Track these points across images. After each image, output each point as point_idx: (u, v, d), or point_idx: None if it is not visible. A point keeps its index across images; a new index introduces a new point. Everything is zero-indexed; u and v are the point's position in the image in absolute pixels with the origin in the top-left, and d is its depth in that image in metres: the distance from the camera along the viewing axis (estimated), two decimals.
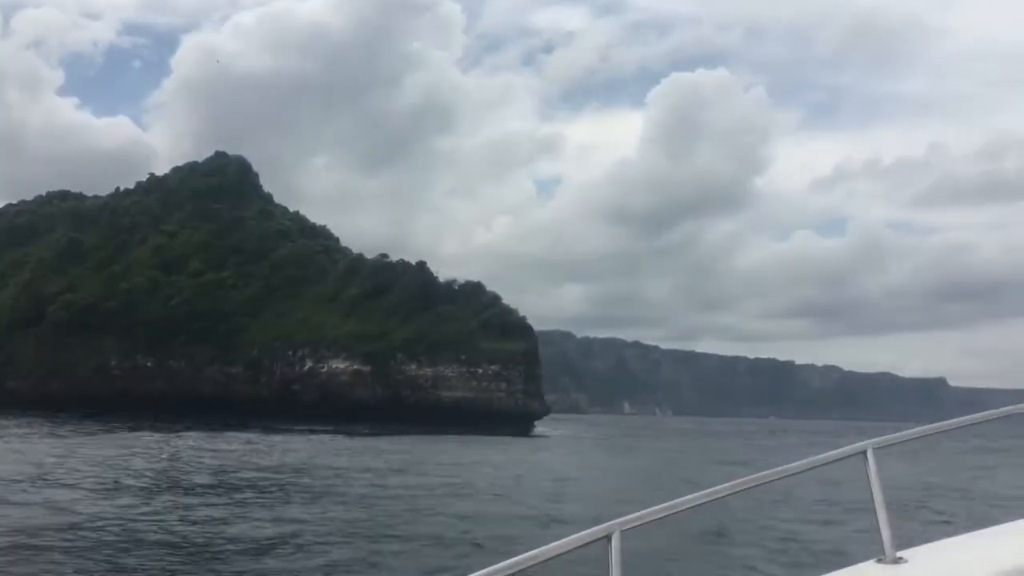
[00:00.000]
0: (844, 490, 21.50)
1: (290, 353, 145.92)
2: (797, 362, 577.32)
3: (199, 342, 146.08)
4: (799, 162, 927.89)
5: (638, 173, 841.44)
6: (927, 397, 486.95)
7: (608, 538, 2.22)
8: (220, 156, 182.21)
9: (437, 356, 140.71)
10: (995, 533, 3.08)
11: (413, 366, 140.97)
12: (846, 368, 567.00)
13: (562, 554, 2.18)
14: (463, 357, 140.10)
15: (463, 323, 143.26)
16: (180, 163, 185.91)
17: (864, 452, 2.78)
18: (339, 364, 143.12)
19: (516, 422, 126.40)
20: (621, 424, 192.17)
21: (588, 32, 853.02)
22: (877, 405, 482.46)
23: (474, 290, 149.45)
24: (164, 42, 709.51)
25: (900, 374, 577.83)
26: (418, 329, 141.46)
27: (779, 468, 2.71)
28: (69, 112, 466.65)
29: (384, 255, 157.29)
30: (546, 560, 2.12)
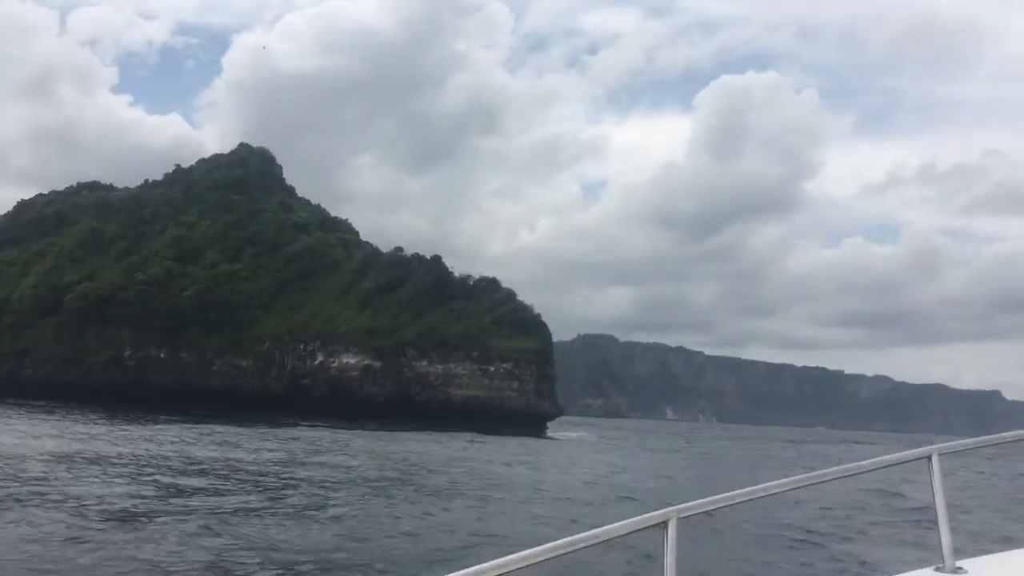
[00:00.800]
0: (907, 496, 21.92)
1: (301, 347, 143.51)
2: (846, 371, 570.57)
3: (211, 334, 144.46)
4: (850, 167, 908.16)
5: (685, 177, 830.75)
6: (981, 410, 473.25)
7: (665, 524, 2.22)
8: (243, 148, 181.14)
9: (448, 353, 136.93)
10: None
11: (424, 363, 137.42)
12: (897, 379, 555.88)
13: (619, 536, 2.18)
14: (475, 354, 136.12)
15: (476, 319, 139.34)
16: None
17: (929, 457, 2.71)
18: (350, 359, 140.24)
19: (528, 423, 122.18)
20: (653, 430, 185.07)
21: (634, 33, 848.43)
22: (928, 417, 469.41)
23: (489, 286, 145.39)
24: (217, 42, 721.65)
25: (953, 386, 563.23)
26: (430, 325, 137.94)
27: (842, 467, 2.68)
28: (122, 109, 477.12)
29: (399, 248, 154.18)
30: (604, 541, 2.13)
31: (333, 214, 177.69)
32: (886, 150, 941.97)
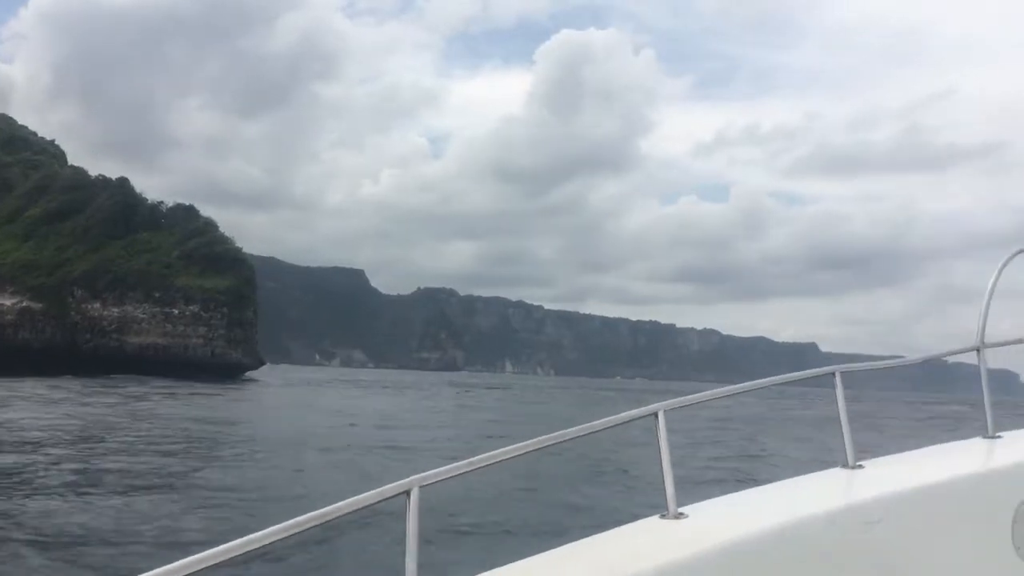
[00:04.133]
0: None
1: None
2: (678, 325, 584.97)
3: None
4: (684, 127, 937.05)
5: (525, 130, 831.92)
6: (799, 361, 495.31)
7: (407, 493, 2.26)
8: None
9: (125, 293, 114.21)
10: (766, 490, 3.31)
11: (97, 304, 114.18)
12: (724, 332, 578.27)
13: (362, 508, 2.19)
14: (157, 295, 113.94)
15: (163, 253, 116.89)
16: (39, 95, 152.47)
17: (656, 413, 2.93)
18: (5, 300, 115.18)
19: (218, 374, 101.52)
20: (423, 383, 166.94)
21: None
22: (752, 368, 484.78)
23: (185, 214, 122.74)
24: None
25: (775, 339, 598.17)
26: (106, 259, 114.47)
27: (577, 427, 2.80)
28: None
29: (82, 169, 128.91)
30: (346, 514, 2.15)
31: (155, 159, 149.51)
32: (719, 113, 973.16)
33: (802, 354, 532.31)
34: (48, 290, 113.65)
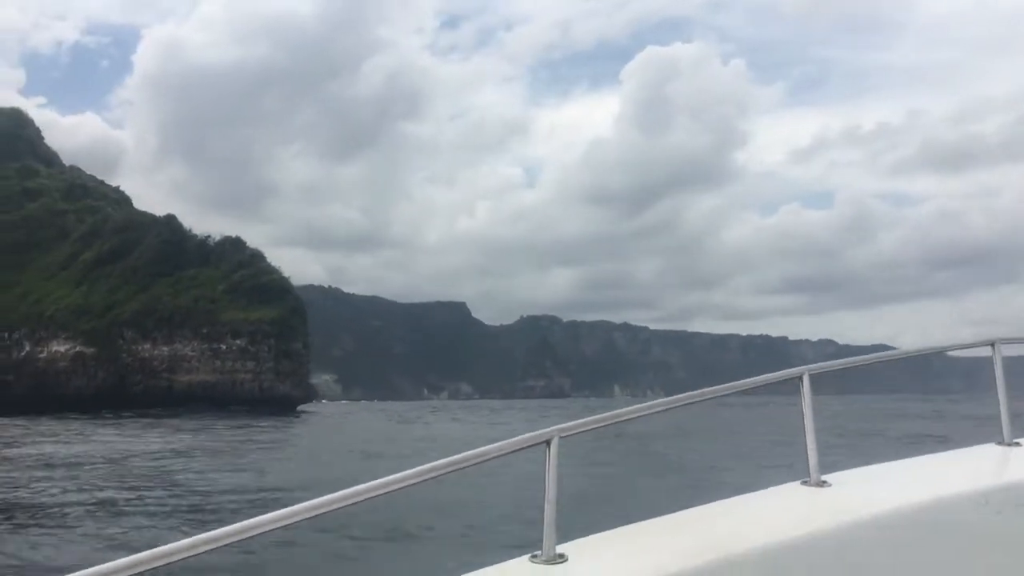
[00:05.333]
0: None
1: (4, 335, 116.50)
2: (790, 337, 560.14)
3: None
4: (779, 135, 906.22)
5: (615, 152, 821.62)
6: (925, 367, 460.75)
7: (548, 443, 2.30)
8: None
9: (174, 331, 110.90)
10: (913, 463, 3.28)
11: (147, 345, 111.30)
12: (841, 342, 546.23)
13: (504, 455, 2.24)
14: (204, 331, 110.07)
15: (209, 288, 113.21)
16: (148, 158, 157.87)
17: (801, 377, 2.91)
18: (60, 347, 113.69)
19: (272, 408, 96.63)
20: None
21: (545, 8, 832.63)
22: (875, 377, 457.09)
23: (233, 247, 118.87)
24: (133, 37, 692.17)
25: (896, 344, 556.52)
26: (154, 298, 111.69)
27: (721, 386, 2.85)
28: (32, 111, 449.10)
29: (126, 205, 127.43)
30: (489, 459, 2.22)
31: (259, 210, 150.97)
32: (815, 117, 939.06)
33: (928, 360, 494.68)
34: (99, 333, 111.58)
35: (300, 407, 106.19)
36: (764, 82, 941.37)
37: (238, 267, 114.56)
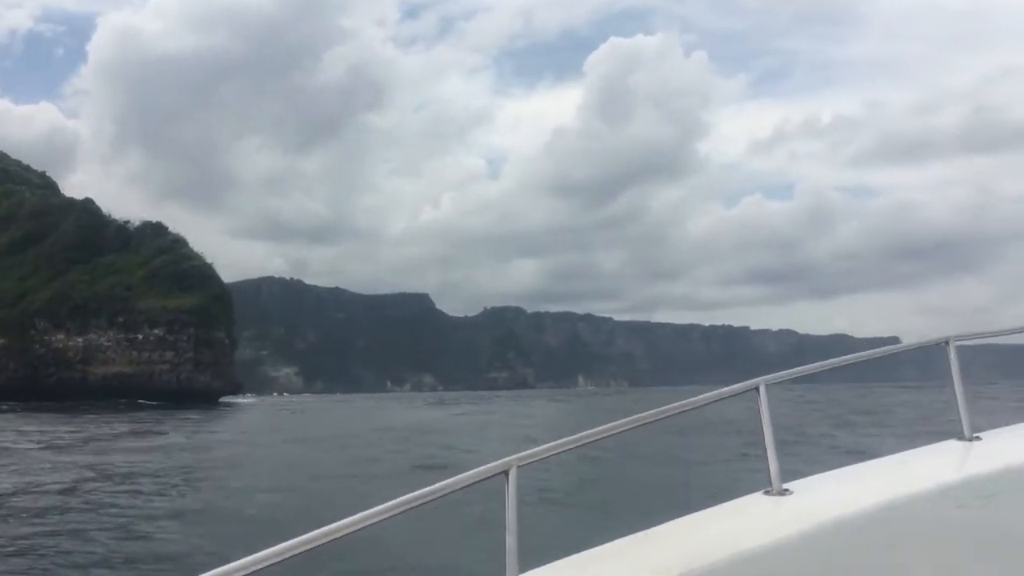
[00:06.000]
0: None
1: None
2: (752, 327, 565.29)
3: None
4: (741, 127, 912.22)
5: (578, 143, 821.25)
6: (883, 357, 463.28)
7: (506, 473, 2.29)
8: None
9: (89, 321, 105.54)
10: (875, 464, 3.29)
11: (61, 335, 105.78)
12: (801, 332, 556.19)
13: (461, 488, 2.22)
14: (120, 319, 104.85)
15: (128, 275, 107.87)
16: (105, 148, 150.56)
17: (757, 388, 2.91)
18: None
19: (191, 400, 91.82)
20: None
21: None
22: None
23: (153, 232, 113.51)
24: (88, 26, 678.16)
25: (855, 335, 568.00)
26: (65, 286, 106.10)
27: (676, 404, 2.80)
28: None
29: (51, 191, 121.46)
30: (446, 494, 2.19)
31: (219, 201, 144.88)
32: (777, 109, 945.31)
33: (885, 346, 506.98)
34: (10, 323, 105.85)
35: (227, 399, 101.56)
36: (726, 74, 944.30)
37: (159, 253, 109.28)
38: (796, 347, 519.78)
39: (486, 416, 60.79)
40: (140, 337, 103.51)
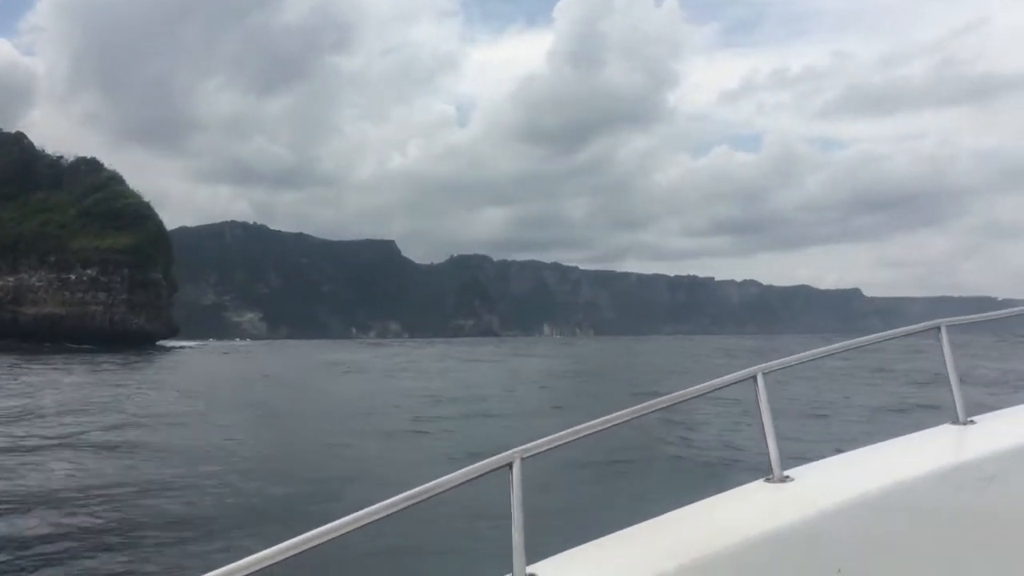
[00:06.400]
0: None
1: None
2: (717, 278, 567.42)
3: None
4: (711, 77, 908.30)
5: (548, 89, 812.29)
6: (843, 308, 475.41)
7: (509, 466, 2.28)
8: None
9: (19, 260, 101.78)
10: (873, 450, 3.30)
11: None
12: (764, 283, 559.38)
13: (464, 483, 2.21)
14: (52, 259, 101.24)
15: (60, 212, 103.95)
16: (61, 86, 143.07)
17: (755, 376, 2.93)
18: None
19: (127, 344, 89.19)
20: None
21: None
22: (795, 317, 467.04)
23: (88, 168, 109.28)
24: None
25: (817, 286, 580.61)
26: None
27: (675, 393, 2.82)
28: None
29: None
30: (448, 489, 2.17)
31: (181, 144, 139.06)
32: (746, 60, 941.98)
33: (846, 301, 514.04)
34: None
35: (165, 344, 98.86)
36: (697, 22, 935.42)
37: (93, 190, 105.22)
38: (759, 298, 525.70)
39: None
40: (73, 278, 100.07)
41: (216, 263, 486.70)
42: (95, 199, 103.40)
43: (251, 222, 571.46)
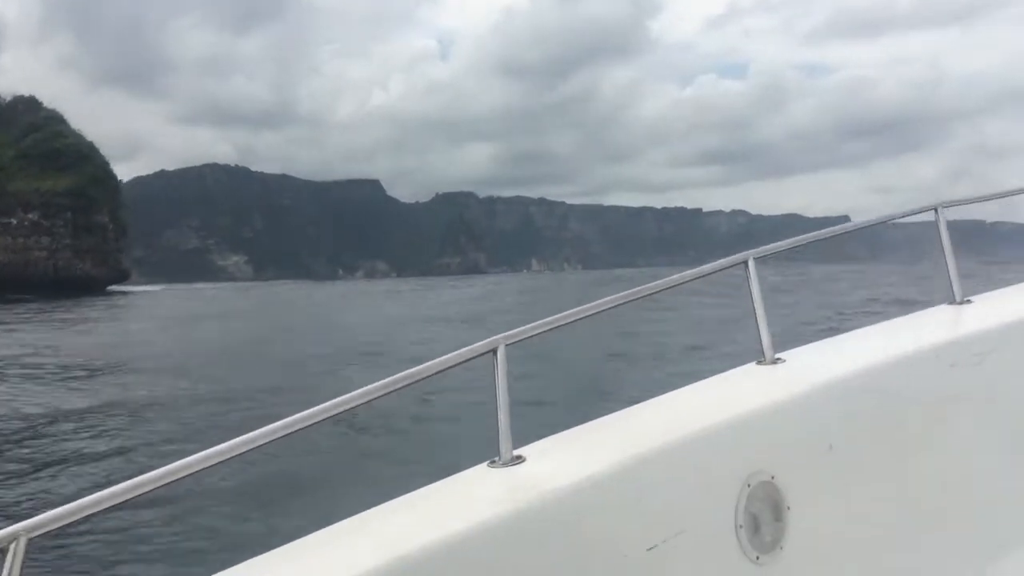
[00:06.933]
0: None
1: None
2: (705, 209, 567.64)
3: None
4: (693, 3, 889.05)
5: (528, 22, 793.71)
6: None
7: (494, 352, 2.32)
8: None
9: None
10: (869, 331, 3.36)
11: None
12: (753, 212, 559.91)
13: (450, 367, 2.27)
14: None
15: None
16: (33, 30, 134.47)
17: (745, 262, 2.95)
18: None
19: (73, 290, 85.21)
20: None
21: None
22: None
23: (26, 107, 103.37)
24: None
25: (807, 215, 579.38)
26: None
27: (663, 280, 2.84)
28: None
29: None
30: (435, 373, 2.24)
31: (155, 85, 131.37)
32: None
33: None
34: None
35: (116, 288, 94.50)
36: None
37: (31, 130, 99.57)
38: (748, 227, 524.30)
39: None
40: (13, 222, 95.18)
41: (198, 207, 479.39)
42: (33, 139, 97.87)
43: (232, 164, 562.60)
